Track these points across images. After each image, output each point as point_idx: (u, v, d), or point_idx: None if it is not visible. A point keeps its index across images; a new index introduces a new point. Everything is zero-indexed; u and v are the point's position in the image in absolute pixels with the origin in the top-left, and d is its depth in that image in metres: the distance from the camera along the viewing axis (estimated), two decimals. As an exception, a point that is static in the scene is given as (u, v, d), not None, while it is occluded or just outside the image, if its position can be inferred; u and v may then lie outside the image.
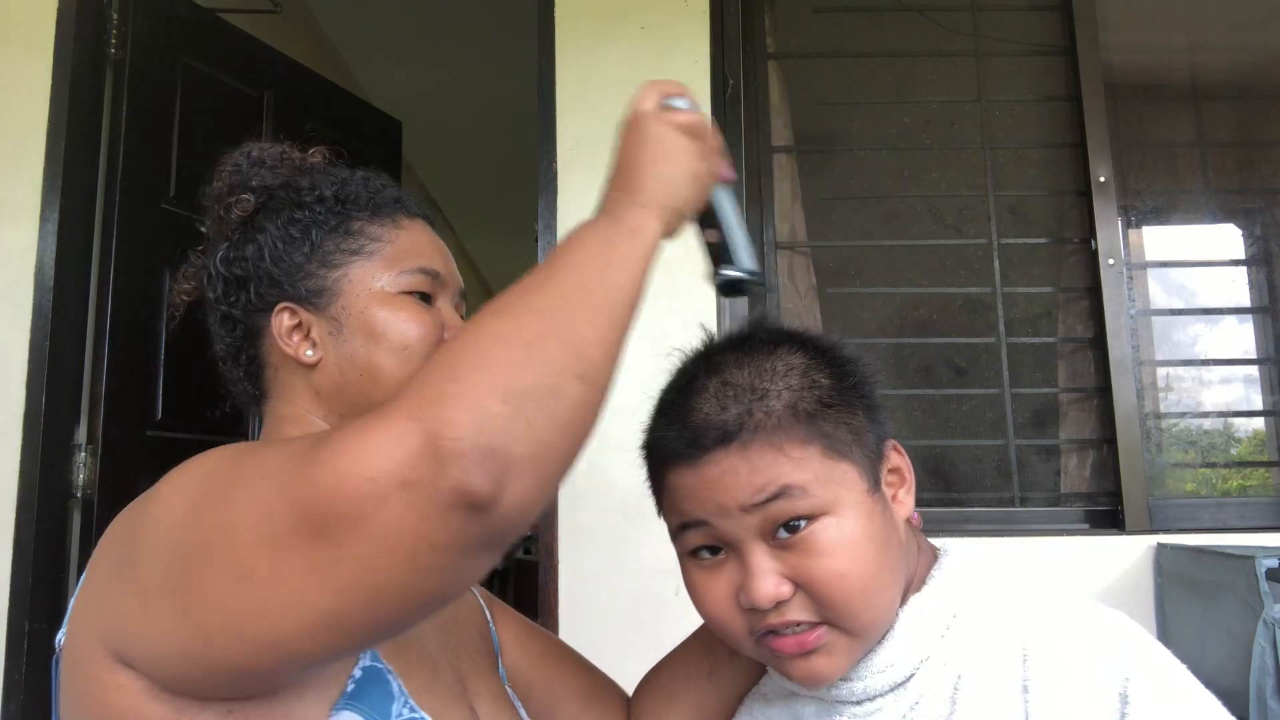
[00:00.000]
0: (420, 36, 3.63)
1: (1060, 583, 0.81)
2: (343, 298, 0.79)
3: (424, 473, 0.49)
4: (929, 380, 2.15)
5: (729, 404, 0.67)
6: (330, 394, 0.79)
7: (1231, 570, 1.59)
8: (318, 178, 0.85)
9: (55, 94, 1.99)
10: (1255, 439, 2.20)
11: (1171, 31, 2.34)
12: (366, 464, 0.50)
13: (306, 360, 0.79)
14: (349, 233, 0.81)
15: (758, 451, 0.65)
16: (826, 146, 2.28)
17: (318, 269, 0.80)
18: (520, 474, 0.51)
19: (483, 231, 5.95)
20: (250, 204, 0.83)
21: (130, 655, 0.58)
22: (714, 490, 0.66)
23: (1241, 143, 2.32)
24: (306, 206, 0.82)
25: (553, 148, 2.05)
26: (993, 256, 2.14)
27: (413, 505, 0.49)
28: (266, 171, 0.86)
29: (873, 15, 2.27)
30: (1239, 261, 2.24)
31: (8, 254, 1.94)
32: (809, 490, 0.65)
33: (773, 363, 0.69)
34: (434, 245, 0.85)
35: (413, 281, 0.80)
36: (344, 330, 0.78)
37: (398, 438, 0.50)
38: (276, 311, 0.80)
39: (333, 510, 0.50)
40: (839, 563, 0.64)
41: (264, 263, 0.81)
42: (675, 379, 0.73)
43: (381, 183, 0.87)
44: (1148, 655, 0.64)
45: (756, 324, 0.76)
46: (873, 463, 0.69)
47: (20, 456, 1.88)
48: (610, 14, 2.10)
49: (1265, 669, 1.49)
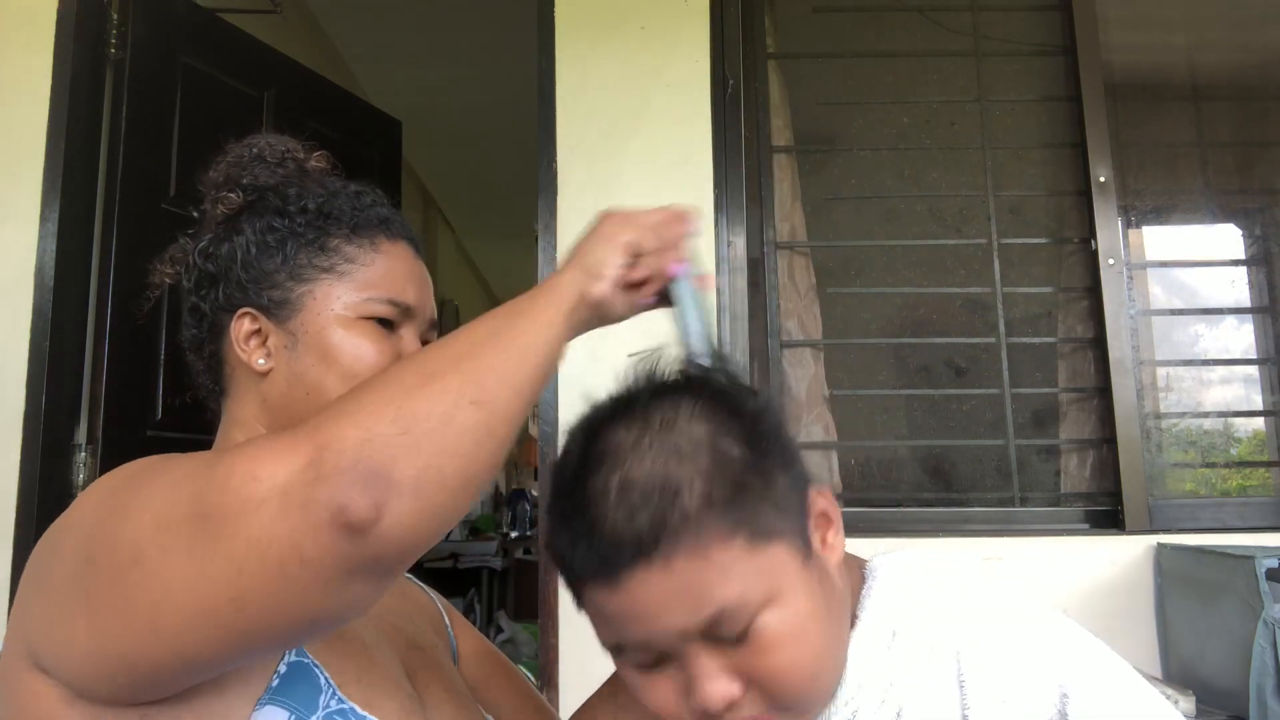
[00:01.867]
0: (420, 36, 3.63)
1: (995, 582, 0.79)
2: (304, 314, 0.79)
3: (303, 484, 0.50)
4: (929, 380, 2.15)
5: (637, 511, 0.58)
6: (276, 406, 0.79)
7: (1231, 570, 1.59)
8: (308, 186, 0.84)
9: (55, 94, 1.99)
10: (1255, 439, 2.20)
11: (1171, 31, 2.34)
12: (256, 467, 0.52)
13: (258, 368, 0.79)
14: (324, 249, 0.80)
15: (681, 566, 0.58)
16: (826, 146, 2.28)
17: (285, 280, 0.80)
18: (402, 497, 0.51)
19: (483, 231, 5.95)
20: (235, 202, 0.83)
21: (45, 661, 0.59)
22: (641, 618, 0.60)
23: (1241, 143, 2.32)
24: (288, 216, 0.82)
25: (553, 148, 2.05)
26: (993, 256, 2.14)
27: (286, 514, 0.50)
28: (263, 169, 0.85)
29: (873, 15, 2.27)
30: (1239, 261, 2.24)
31: (8, 254, 1.94)
32: (745, 599, 0.59)
33: (675, 440, 0.60)
34: (410, 274, 0.84)
35: (377, 309, 0.80)
36: (299, 346, 0.78)
37: (291, 448, 0.52)
38: (238, 316, 0.80)
39: (217, 503, 0.52)
40: (787, 654, 0.61)
41: (235, 265, 0.81)
42: (566, 470, 0.64)
43: (371, 200, 0.86)
44: (1083, 662, 0.63)
45: (645, 379, 0.67)
46: (800, 526, 0.64)
47: (20, 456, 1.88)
48: (610, 14, 2.10)
49: (1265, 669, 1.49)
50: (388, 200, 0.88)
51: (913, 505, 2.09)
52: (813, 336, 2.14)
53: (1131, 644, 1.83)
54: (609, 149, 2.05)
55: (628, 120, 2.06)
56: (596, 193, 2.03)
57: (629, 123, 2.06)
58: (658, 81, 2.08)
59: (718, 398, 0.64)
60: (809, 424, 2.10)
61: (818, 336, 2.14)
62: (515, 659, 4.22)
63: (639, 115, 2.06)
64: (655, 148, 2.05)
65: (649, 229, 0.74)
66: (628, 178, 2.04)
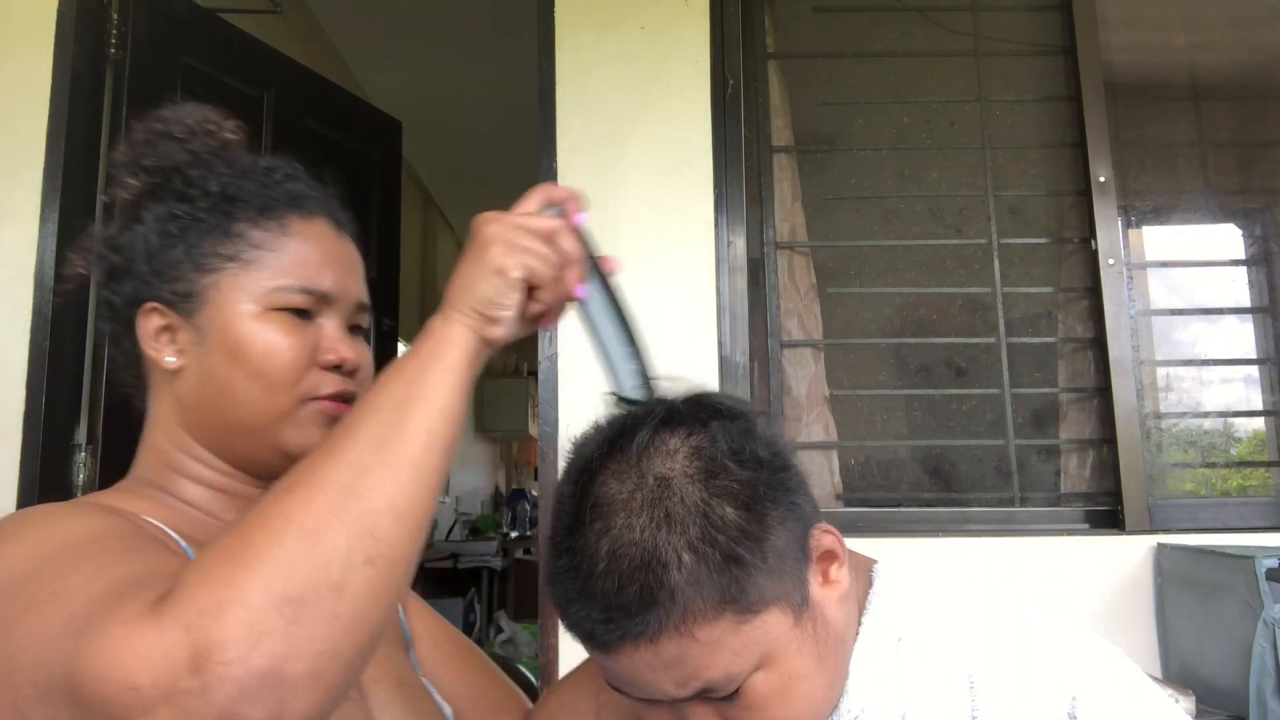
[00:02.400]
0: (420, 36, 3.63)
1: (1002, 589, 0.80)
2: (210, 307, 0.74)
3: (191, 694, 0.45)
4: (929, 380, 2.15)
5: (626, 583, 0.58)
6: (190, 405, 0.75)
7: (1231, 570, 1.59)
8: (215, 166, 0.78)
9: (55, 94, 1.99)
10: (1255, 439, 2.20)
11: (1171, 31, 2.34)
12: (131, 670, 0.46)
13: (168, 366, 0.75)
14: (228, 235, 0.75)
15: (667, 645, 0.58)
16: (826, 146, 2.28)
17: (189, 272, 0.74)
18: (300, 694, 0.48)
19: (483, 231, 5.94)
20: (135, 187, 0.77)
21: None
22: (633, 681, 0.61)
23: (1241, 143, 2.32)
24: (190, 201, 0.75)
25: (553, 148, 2.05)
26: (993, 256, 2.14)
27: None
28: (170, 146, 0.78)
29: (873, 15, 2.27)
30: (1239, 261, 2.24)
31: (8, 254, 1.94)
32: (732, 672, 0.59)
33: (667, 504, 0.58)
34: (327, 256, 0.77)
35: (288, 299, 0.74)
36: (207, 342, 0.74)
37: (167, 648, 0.46)
38: (144, 311, 0.75)
39: (96, 705, 0.47)
40: (784, 709, 0.61)
41: (138, 256, 0.76)
42: (562, 518, 0.63)
43: (283, 175, 0.79)
44: (1094, 669, 0.63)
45: (638, 421, 0.63)
46: (798, 578, 0.63)
47: (20, 456, 1.87)
48: (610, 14, 2.10)
49: (1265, 669, 1.49)
50: (305, 173, 0.82)
51: (913, 505, 2.09)
52: (813, 336, 2.14)
53: (1131, 644, 1.84)
54: (609, 149, 2.05)
55: (628, 120, 2.06)
56: (596, 193, 2.02)
57: (629, 123, 2.06)
58: (658, 81, 2.08)
59: (715, 442, 0.61)
60: (809, 424, 2.10)
61: (818, 336, 2.14)
62: (515, 659, 4.22)
63: (639, 115, 2.06)
64: (655, 148, 2.05)
65: (539, 252, 0.65)
66: (628, 178, 2.04)
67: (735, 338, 2.00)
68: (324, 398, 0.76)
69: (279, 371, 0.73)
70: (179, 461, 0.77)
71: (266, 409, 0.74)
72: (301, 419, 0.75)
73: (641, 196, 2.03)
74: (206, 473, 0.77)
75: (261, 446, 0.75)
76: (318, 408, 0.75)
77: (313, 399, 0.75)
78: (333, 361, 0.76)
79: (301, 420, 0.75)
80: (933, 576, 0.72)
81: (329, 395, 0.76)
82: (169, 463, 0.77)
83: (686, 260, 2.01)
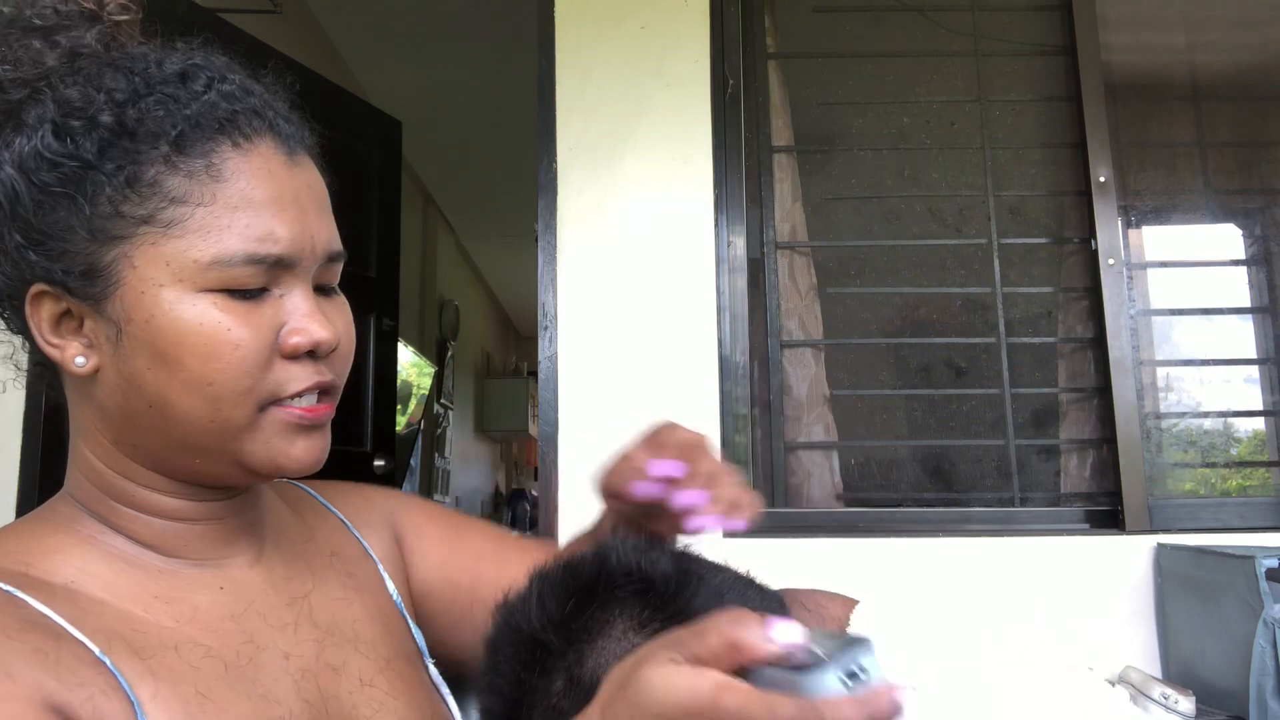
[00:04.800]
0: (420, 36, 3.63)
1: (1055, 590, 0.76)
2: (122, 291, 0.53)
3: None
4: (929, 380, 2.15)
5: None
6: (117, 418, 0.57)
7: (1231, 570, 1.59)
8: (103, 78, 0.55)
9: (55, 94, 1.99)
10: (1255, 439, 2.20)
11: (1171, 31, 2.34)
12: None
13: (76, 370, 0.56)
14: (134, 185, 0.53)
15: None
16: (826, 146, 2.28)
17: (85, 242, 0.53)
18: None
19: (483, 231, 5.95)
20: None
21: None
22: None
23: (1241, 143, 2.32)
24: (69, 137, 0.53)
25: (553, 148, 2.05)
26: (993, 256, 2.14)
27: None
28: (30, 41, 0.55)
29: (873, 15, 2.27)
30: (1239, 261, 2.24)
31: (8, 254, 1.94)
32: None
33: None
34: (279, 197, 0.56)
35: (231, 277, 0.54)
36: (125, 339, 0.54)
37: None
38: (32, 295, 0.55)
39: None
40: None
41: (7, 218, 0.54)
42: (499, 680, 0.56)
43: (205, 84, 0.57)
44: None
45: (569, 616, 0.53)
46: None
47: (20, 456, 1.88)
48: (610, 14, 2.10)
49: (1265, 669, 1.49)
50: (240, 73, 0.61)
51: (913, 505, 2.09)
52: (813, 336, 2.14)
53: (1131, 644, 1.84)
54: (609, 149, 2.05)
55: (628, 120, 2.06)
56: (596, 193, 2.03)
57: (629, 123, 2.06)
58: (658, 81, 2.08)
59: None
60: (809, 424, 2.10)
61: (818, 336, 2.14)
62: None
63: (639, 115, 2.07)
64: (655, 148, 2.05)
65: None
66: (628, 178, 2.04)
67: (735, 338, 2.00)
68: (292, 398, 0.58)
69: (227, 377, 0.54)
70: (114, 484, 0.59)
71: (214, 425, 0.56)
72: (264, 430, 0.57)
73: (641, 196, 2.03)
74: (153, 497, 0.59)
75: (216, 464, 0.58)
76: (284, 416, 0.58)
77: (276, 403, 0.58)
78: (302, 347, 0.57)
79: (264, 431, 0.57)
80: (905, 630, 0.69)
81: (299, 393, 0.58)
82: (104, 486, 0.60)
83: (686, 260, 2.01)
